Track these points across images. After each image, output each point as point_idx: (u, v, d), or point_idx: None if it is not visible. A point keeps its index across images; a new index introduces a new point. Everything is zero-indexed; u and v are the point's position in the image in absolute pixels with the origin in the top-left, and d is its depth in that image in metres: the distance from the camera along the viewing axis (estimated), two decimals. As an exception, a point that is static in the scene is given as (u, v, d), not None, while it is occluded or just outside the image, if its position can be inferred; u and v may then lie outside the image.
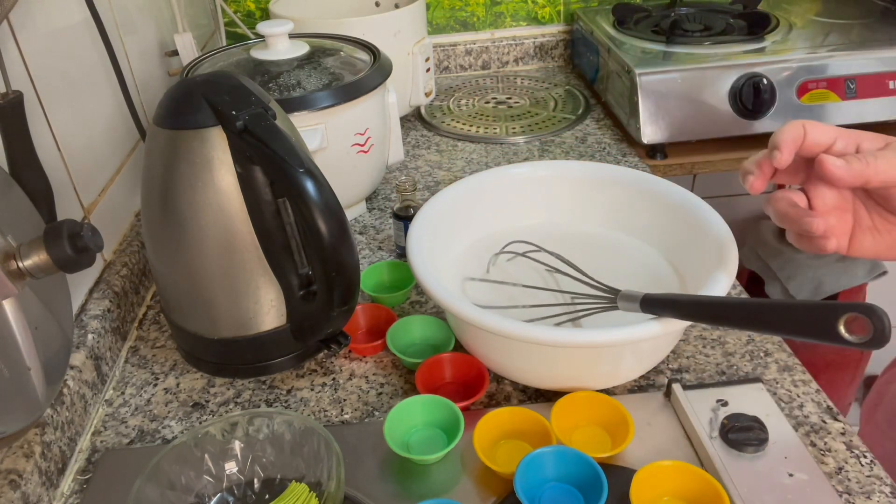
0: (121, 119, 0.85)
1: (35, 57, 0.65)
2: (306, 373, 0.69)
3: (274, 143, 0.55)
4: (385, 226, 0.92)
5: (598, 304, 0.63)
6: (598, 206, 0.77)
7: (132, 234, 0.83)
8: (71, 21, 0.75)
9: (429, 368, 0.64)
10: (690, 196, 0.71)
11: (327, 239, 0.55)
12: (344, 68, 0.86)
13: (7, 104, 0.56)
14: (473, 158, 1.09)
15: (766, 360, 0.68)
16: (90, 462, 0.61)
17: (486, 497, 0.55)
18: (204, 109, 0.57)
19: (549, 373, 0.62)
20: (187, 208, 0.59)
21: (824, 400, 0.63)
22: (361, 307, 0.72)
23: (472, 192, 0.76)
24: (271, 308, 0.63)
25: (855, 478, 0.56)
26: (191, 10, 1.16)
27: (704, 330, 0.71)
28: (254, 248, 0.60)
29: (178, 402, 0.67)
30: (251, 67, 0.84)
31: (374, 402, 0.65)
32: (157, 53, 1.02)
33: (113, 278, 0.74)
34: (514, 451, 0.57)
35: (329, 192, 0.55)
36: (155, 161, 0.60)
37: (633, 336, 0.55)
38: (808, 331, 0.48)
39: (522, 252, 0.72)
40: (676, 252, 0.71)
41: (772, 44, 1.18)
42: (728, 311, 0.53)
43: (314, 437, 0.54)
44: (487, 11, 1.43)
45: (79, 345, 0.65)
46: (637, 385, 0.65)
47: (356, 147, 0.86)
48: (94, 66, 0.79)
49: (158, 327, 0.77)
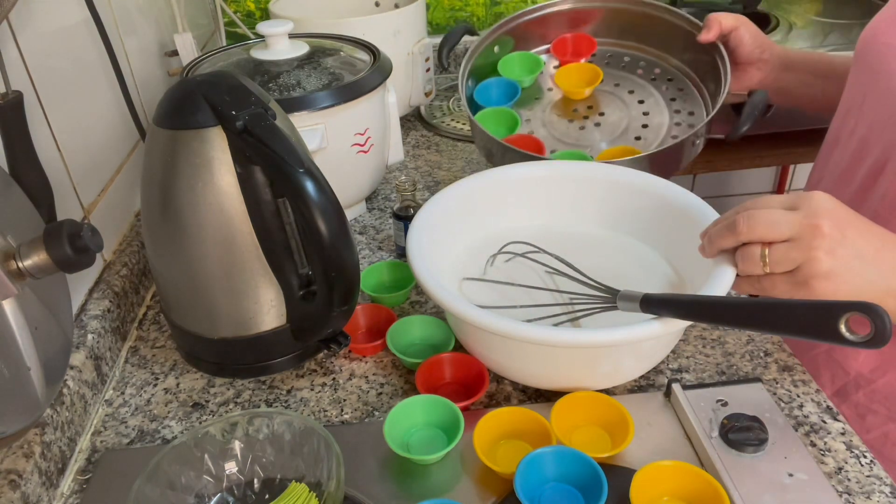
0: (121, 119, 0.85)
1: (35, 57, 0.65)
2: (306, 373, 0.69)
3: (274, 143, 0.55)
4: (385, 226, 0.92)
5: (598, 304, 0.63)
6: (597, 206, 0.77)
7: (132, 234, 0.83)
8: (71, 21, 0.75)
9: (429, 368, 0.64)
10: (690, 196, 0.71)
11: (327, 239, 0.55)
12: (344, 68, 0.86)
13: (7, 104, 0.56)
14: (473, 158, 1.09)
15: (766, 360, 0.68)
16: (90, 462, 0.61)
17: (486, 497, 0.55)
18: (204, 109, 0.57)
19: (549, 373, 0.62)
20: (187, 208, 0.59)
21: (824, 400, 0.63)
22: (361, 307, 0.72)
23: (471, 193, 0.76)
24: (271, 308, 0.63)
25: (855, 478, 0.56)
26: (191, 10, 1.16)
27: (704, 330, 0.71)
28: (254, 248, 0.60)
29: (178, 402, 0.67)
30: (251, 67, 0.84)
31: (374, 402, 0.65)
32: (157, 53, 1.02)
33: (113, 278, 0.74)
34: (514, 451, 0.57)
35: (329, 192, 0.55)
36: (155, 161, 0.60)
37: (633, 336, 0.55)
38: (808, 330, 0.48)
39: (521, 253, 0.72)
40: (676, 252, 0.71)
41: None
42: (728, 310, 0.53)
43: (314, 437, 0.54)
44: (487, 11, 1.43)
45: (79, 345, 0.65)
46: (637, 385, 0.65)
47: (356, 147, 0.86)
48: (94, 66, 0.79)
49: (158, 327, 0.77)
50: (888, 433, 0.72)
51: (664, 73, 0.94)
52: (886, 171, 0.67)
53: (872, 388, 0.73)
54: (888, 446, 0.72)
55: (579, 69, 0.94)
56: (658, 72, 0.94)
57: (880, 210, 0.68)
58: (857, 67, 0.74)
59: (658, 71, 0.94)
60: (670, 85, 0.92)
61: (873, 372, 0.72)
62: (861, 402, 0.74)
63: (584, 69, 0.93)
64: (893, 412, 0.72)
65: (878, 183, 0.68)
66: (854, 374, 0.73)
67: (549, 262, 0.70)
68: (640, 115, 0.90)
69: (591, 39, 0.96)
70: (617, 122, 0.90)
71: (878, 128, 0.69)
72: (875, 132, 0.69)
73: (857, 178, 0.71)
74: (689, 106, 0.89)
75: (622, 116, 0.90)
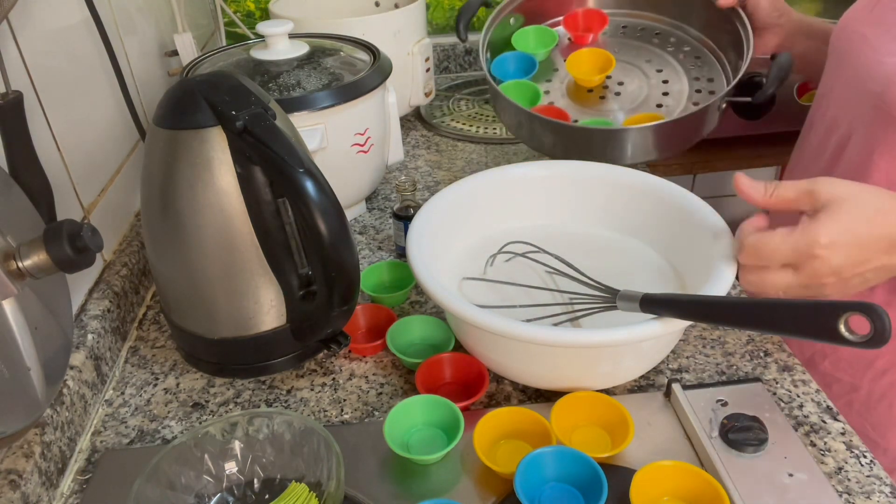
0: (121, 119, 0.85)
1: (35, 57, 0.65)
2: (306, 373, 0.69)
3: (274, 143, 0.55)
4: (385, 226, 0.92)
5: (598, 304, 0.63)
6: (597, 206, 0.77)
7: (132, 234, 0.83)
8: (71, 21, 0.75)
9: (429, 368, 0.64)
10: (690, 196, 0.71)
11: (327, 239, 0.55)
12: (344, 68, 0.86)
13: (7, 104, 0.56)
14: (473, 158, 1.09)
15: (766, 360, 0.68)
16: (90, 462, 0.61)
17: (486, 497, 0.55)
18: (204, 109, 0.57)
19: (549, 373, 0.62)
20: (187, 208, 0.59)
21: (824, 400, 0.63)
22: (361, 307, 0.72)
23: (471, 192, 0.76)
24: (271, 308, 0.63)
25: (855, 478, 0.56)
26: (191, 10, 1.16)
27: (704, 330, 0.71)
28: (254, 248, 0.60)
29: (177, 402, 0.67)
30: (251, 67, 0.84)
31: (374, 402, 0.65)
32: (157, 53, 1.02)
33: (113, 278, 0.74)
34: (514, 451, 0.57)
35: (329, 192, 0.55)
36: (155, 161, 0.60)
37: (633, 336, 0.55)
38: (807, 330, 0.48)
39: (521, 252, 0.72)
40: (676, 252, 0.71)
41: (772, 44, 1.18)
42: (728, 310, 0.53)
43: (314, 438, 0.54)
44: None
45: (79, 345, 0.65)
46: (637, 385, 0.65)
47: (356, 147, 0.86)
48: (94, 66, 0.79)
49: (158, 327, 0.77)
50: (852, 401, 0.74)
51: (680, 42, 0.93)
52: (850, 144, 0.71)
53: (837, 356, 0.75)
54: (853, 415, 0.73)
55: (590, 55, 0.92)
56: (674, 41, 0.93)
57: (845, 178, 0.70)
58: (830, 56, 0.77)
59: (674, 40, 0.94)
60: (687, 53, 0.92)
61: None
62: (827, 370, 0.76)
63: (596, 55, 0.91)
64: (857, 381, 0.74)
65: (843, 156, 0.73)
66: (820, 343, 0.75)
67: (549, 262, 0.70)
68: (660, 84, 0.90)
69: (603, 14, 0.95)
70: (637, 91, 0.90)
71: (845, 106, 0.73)
72: (842, 111, 0.73)
73: (826, 154, 0.75)
74: (708, 73, 0.89)
75: (641, 85, 0.90)
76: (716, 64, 0.90)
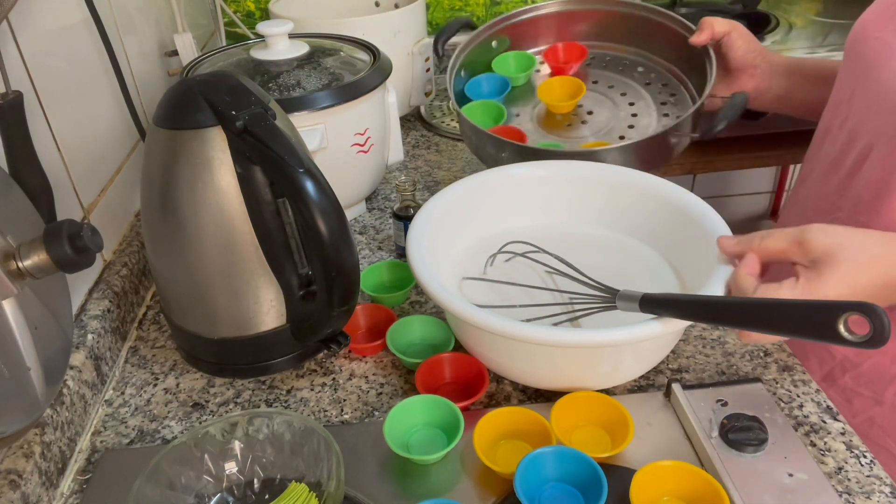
0: (121, 119, 0.85)
1: (35, 57, 0.65)
2: (306, 373, 0.69)
3: (274, 143, 0.55)
4: (385, 226, 0.92)
5: (597, 304, 0.63)
6: (597, 206, 0.77)
7: (132, 234, 0.83)
8: (71, 21, 0.75)
9: (429, 368, 0.64)
10: (690, 196, 0.71)
11: (327, 239, 0.55)
12: (344, 68, 0.86)
13: (7, 104, 0.56)
14: (473, 158, 1.09)
15: (766, 360, 0.68)
16: (90, 462, 0.61)
17: (486, 497, 0.55)
18: (204, 109, 0.57)
19: (549, 373, 0.62)
20: (187, 208, 0.59)
21: (824, 400, 0.63)
22: (361, 307, 0.72)
23: (471, 193, 0.76)
24: (271, 308, 0.63)
25: (855, 478, 0.56)
26: (191, 10, 1.16)
27: (704, 330, 0.71)
28: (254, 248, 0.60)
29: (177, 402, 0.67)
30: (251, 67, 0.84)
31: (374, 402, 0.65)
32: (157, 53, 1.02)
33: (113, 278, 0.74)
34: (514, 451, 0.57)
35: (329, 192, 0.55)
36: (155, 161, 0.60)
37: (633, 336, 0.55)
38: (807, 330, 0.48)
39: (521, 252, 0.72)
40: (676, 252, 0.71)
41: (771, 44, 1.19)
42: (728, 310, 0.53)
43: (314, 437, 0.54)
44: (487, 11, 1.43)
45: (79, 345, 0.65)
46: (637, 385, 0.65)
47: (356, 147, 0.86)
48: (94, 66, 0.79)
49: (158, 327, 0.77)
50: (874, 417, 0.73)
51: (659, 78, 0.94)
52: (871, 157, 0.69)
53: (858, 371, 0.74)
54: (874, 429, 0.72)
55: (563, 83, 0.94)
56: (654, 76, 0.94)
57: (864, 195, 0.69)
58: (847, 61, 0.75)
59: (654, 75, 0.94)
60: (664, 89, 0.93)
61: (859, 355, 0.73)
62: (848, 385, 0.75)
63: (568, 83, 0.93)
64: (879, 395, 0.73)
65: (862, 170, 0.70)
66: (840, 357, 0.74)
67: (549, 262, 0.70)
68: (629, 117, 0.90)
69: (583, 48, 0.96)
70: (605, 122, 0.91)
71: (866, 117, 0.70)
72: (863, 122, 0.71)
73: (845, 166, 0.73)
74: (679, 110, 0.89)
75: (610, 117, 0.91)
76: (689, 102, 0.90)
